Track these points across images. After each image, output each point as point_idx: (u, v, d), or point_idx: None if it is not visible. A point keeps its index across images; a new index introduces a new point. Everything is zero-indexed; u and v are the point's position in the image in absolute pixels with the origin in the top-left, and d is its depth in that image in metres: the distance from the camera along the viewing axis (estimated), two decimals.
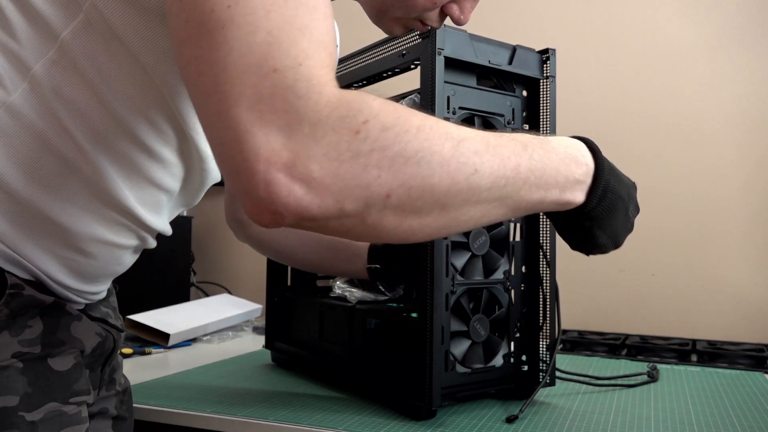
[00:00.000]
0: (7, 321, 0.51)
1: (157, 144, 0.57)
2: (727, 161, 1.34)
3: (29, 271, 0.55)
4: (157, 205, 0.62)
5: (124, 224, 0.59)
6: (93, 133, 0.53)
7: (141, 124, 0.55)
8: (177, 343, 1.25)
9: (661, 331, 1.33)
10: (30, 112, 0.52)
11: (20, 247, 0.53)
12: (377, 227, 0.44)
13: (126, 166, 0.56)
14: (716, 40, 1.36)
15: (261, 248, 0.99)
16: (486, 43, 0.80)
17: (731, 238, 1.33)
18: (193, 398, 0.85)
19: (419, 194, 0.44)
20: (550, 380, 0.84)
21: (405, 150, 0.43)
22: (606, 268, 1.41)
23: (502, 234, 0.82)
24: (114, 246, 0.60)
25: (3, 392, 0.50)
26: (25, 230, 0.53)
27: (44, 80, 0.51)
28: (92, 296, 0.64)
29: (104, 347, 0.65)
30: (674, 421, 0.77)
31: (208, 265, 1.83)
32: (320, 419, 0.75)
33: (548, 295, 0.84)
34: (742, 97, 1.33)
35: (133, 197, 0.58)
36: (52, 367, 0.55)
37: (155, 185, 0.59)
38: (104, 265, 0.61)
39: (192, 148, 0.60)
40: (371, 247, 0.90)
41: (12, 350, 0.51)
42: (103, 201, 0.56)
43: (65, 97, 0.52)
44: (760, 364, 1.08)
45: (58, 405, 0.54)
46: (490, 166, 0.47)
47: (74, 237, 0.56)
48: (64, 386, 0.55)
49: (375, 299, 0.93)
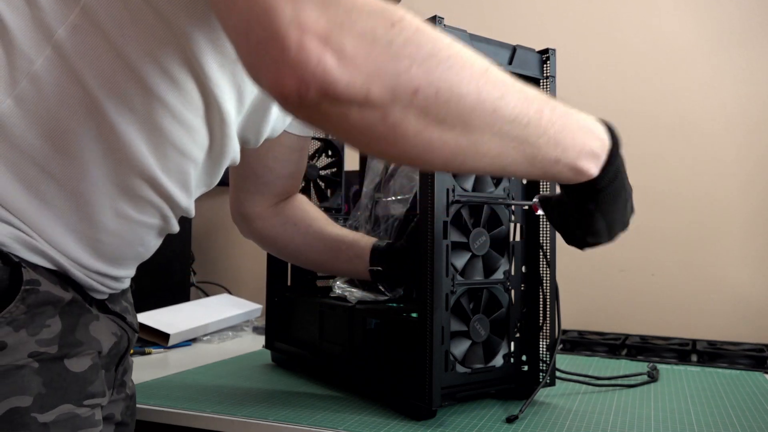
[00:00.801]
0: (25, 319, 0.51)
1: (180, 105, 0.56)
2: (727, 161, 1.34)
3: (52, 259, 0.54)
4: (181, 174, 0.61)
5: (147, 198, 0.59)
6: (117, 96, 0.53)
7: (165, 83, 0.54)
8: (177, 343, 1.25)
9: (661, 331, 1.33)
10: (53, 79, 0.51)
11: (44, 227, 0.53)
12: (397, 129, 0.43)
13: (151, 131, 0.56)
14: (716, 40, 1.36)
15: (264, 244, 0.98)
16: (486, 43, 0.80)
17: (731, 238, 1.33)
18: (193, 398, 0.85)
19: (446, 100, 0.43)
20: (550, 380, 0.84)
21: (438, 52, 0.43)
22: (606, 268, 1.41)
23: (502, 234, 0.82)
24: (137, 223, 0.59)
25: (17, 392, 0.49)
26: (50, 207, 0.53)
27: (67, 44, 0.51)
28: (116, 283, 0.63)
29: (119, 347, 0.64)
30: (674, 421, 0.77)
31: (208, 265, 1.83)
32: (320, 419, 0.75)
33: (548, 295, 0.84)
34: (743, 97, 1.33)
35: (157, 165, 0.57)
36: (68, 368, 0.54)
37: (179, 151, 0.59)
38: (128, 244, 0.60)
39: (214, 111, 0.59)
40: (373, 249, 0.90)
41: (29, 349, 0.51)
42: (127, 170, 0.56)
43: (89, 59, 0.52)
44: (760, 364, 1.08)
45: (71, 407, 0.53)
46: (515, 98, 0.47)
47: (97, 212, 0.55)
48: (79, 388, 0.54)
49: (375, 299, 0.93)
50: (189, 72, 0.55)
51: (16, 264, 0.51)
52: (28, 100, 0.51)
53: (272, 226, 0.94)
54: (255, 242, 0.99)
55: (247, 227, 0.96)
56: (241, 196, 0.93)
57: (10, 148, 0.51)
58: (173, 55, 0.54)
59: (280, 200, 0.95)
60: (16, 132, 0.51)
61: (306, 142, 0.92)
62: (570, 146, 0.53)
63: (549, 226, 0.84)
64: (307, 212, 0.95)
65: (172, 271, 1.56)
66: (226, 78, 0.58)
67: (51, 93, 0.51)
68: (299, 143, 0.89)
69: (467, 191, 0.78)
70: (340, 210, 1.17)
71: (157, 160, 0.57)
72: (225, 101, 0.59)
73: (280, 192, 0.93)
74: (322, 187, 1.17)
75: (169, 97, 0.55)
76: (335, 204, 1.16)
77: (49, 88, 0.51)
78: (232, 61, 0.57)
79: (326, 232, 0.93)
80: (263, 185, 0.91)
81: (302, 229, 0.93)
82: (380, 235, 0.97)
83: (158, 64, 0.53)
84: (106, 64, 0.52)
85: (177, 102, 0.56)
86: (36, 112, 0.51)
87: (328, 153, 1.18)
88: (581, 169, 0.55)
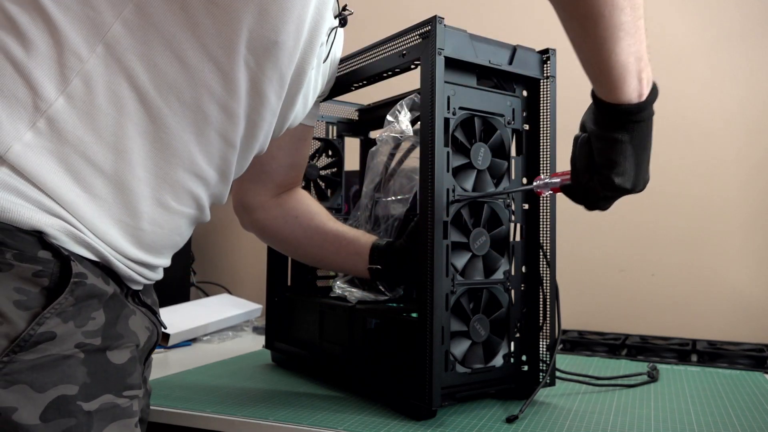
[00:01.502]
0: (73, 311, 0.52)
1: (227, 94, 0.59)
2: (727, 161, 1.34)
3: (96, 251, 0.56)
4: (223, 161, 0.64)
5: (188, 189, 0.62)
6: (167, 88, 0.56)
7: (214, 74, 0.58)
8: (177, 343, 1.25)
9: (661, 331, 1.33)
10: (104, 76, 0.54)
11: (90, 218, 0.55)
12: None
13: (197, 121, 0.59)
14: (716, 40, 1.36)
15: (264, 236, 0.99)
16: (486, 43, 0.80)
17: (731, 238, 1.33)
18: (193, 398, 0.85)
19: None
20: (550, 380, 0.84)
21: None
22: (606, 268, 1.42)
23: (503, 234, 0.82)
24: (176, 213, 0.62)
25: (65, 380, 0.51)
26: (96, 199, 0.55)
27: (119, 40, 0.53)
28: (152, 273, 0.66)
29: (150, 342, 0.67)
30: (674, 421, 0.77)
31: (208, 265, 1.83)
32: (320, 419, 0.76)
33: (548, 295, 0.84)
34: (743, 97, 1.34)
35: (201, 154, 0.61)
36: (110, 359, 0.56)
37: (223, 138, 0.62)
38: (167, 234, 0.63)
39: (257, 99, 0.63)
40: (373, 248, 0.90)
41: (76, 340, 0.52)
42: (172, 161, 0.59)
43: (140, 54, 0.54)
44: (760, 364, 1.08)
45: (113, 397, 0.55)
46: None
47: (141, 202, 0.58)
48: (119, 379, 0.56)
49: (375, 299, 0.93)
50: (242, 64, 0.59)
51: (66, 257, 0.53)
52: (79, 96, 0.53)
53: (273, 218, 0.95)
54: (255, 234, 1.00)
55: (249, 218, 0.97)
56: (244, 186, 0.94)
57: (61, 143, 0.53)
58: (226, 48, 0.57)
59: (282, 192, 0.96)
60: (67, 128, 0.53)
61: (309, 132, 0.94)
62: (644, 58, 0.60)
63: (549, 226, 0.84)
64: (309, 206, 0.96)
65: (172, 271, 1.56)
66: (271, 63, 0.61)
67: (101, 89, 0.54)
68: (303, 132, 0.91)
69: (467, 191, 0.78)
70: (340, 210, 1.17)
71: (201, 150, 0.61)
72: (269, 89, 0.63)
73: (282, 182, 0.95)
74: (322, 187, 1.17)
75: (216, 87, 0.58)
76: (335, 204, 1.16)
77: (99, 85, 0.54)
78: (277, 47, 0.61)
79: (327, 227, 0.94)
80: (265, 174, 0.92)
81: (303, 223, 0.94)
82: (380, 235, 0.97)
83: (210, 57, 0.57)
84: (158, 57, 0.55)
85: (224, 91, 0.59)
86: (86, 108, 0.53)
87: (328, 153, 1.18)
88: (642, 83, 0.61)
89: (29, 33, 0.52)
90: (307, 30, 0.65)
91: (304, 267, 1.13)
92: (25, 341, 0.49)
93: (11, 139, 0.51)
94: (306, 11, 0.63)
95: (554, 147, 0.85)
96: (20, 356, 0.48)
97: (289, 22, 0.61)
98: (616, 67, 0.59)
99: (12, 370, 0.48)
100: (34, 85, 0.52)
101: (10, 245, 0.50)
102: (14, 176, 0.51)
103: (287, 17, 0.60)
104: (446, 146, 0.76)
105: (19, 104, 0.52)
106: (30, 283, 0.50)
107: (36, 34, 0.52)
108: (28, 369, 0.49)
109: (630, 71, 0.60)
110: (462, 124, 0.78)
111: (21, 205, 0.51)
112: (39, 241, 0.52)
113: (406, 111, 0.94)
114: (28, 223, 0.51)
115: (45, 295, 0.51)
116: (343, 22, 0.79)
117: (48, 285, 0.51)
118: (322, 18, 0.67)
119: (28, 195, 0.52)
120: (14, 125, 0.51)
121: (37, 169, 0.52)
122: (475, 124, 0.79)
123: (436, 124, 0.74)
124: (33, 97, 0.52)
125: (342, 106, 1.18)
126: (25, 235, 0.51)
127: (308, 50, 0.67)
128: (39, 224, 0.52)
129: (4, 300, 0.49)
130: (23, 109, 0.52)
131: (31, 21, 0.52)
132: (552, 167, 0.84)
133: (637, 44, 0.59)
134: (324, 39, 0.71)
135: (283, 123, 0.75)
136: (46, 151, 0.52)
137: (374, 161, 1.01)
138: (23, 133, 0.52)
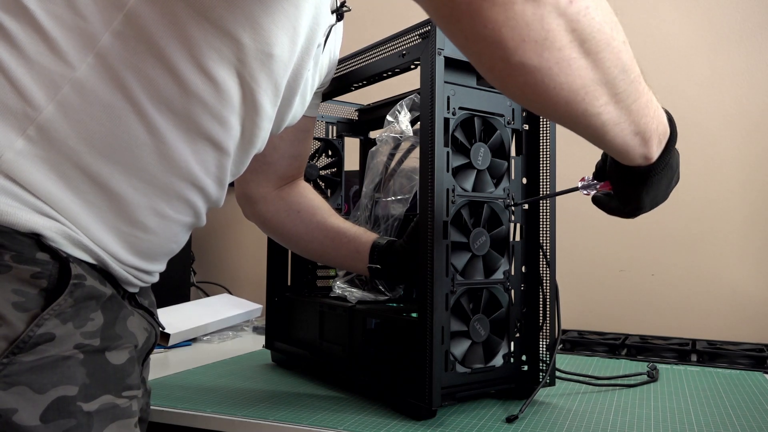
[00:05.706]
0: (72, 312, 0.52)
1: (219, 104, 0.59)
2: (726, 161, 1.34)
3: (93, 253, 0.56)
4: (217, 168, 0.64)
5: (184, 197, 0.62)
6: (158, 99, 0.55)
7: (205, 84, 0.57)
8: (177, 343, 1.25)
9: (661, 331, 1.33)
10: (96, 85, 0.53)
11: (85, 224, 0.55)
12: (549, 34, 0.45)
13: (189, 131, 0.58)
14: (716, 40, 1.36)
15: (266, 228, 1.00)
16: None
17: (731, 238, 1.33)
18: (193, 398, 0.85)
19: (590, 19, 0.46)
20: (550, 380, 0.84)
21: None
22: (606, 268, 1.42)
23: (502, 234, 0.82)
24: (172, 221, 0.62)
25: (64, 381, 0.51)
26: (93, 207, 0.55)
27: (111, 51, 0.53)
28: (148, 277, 0.66)
29: (148, 343, 0.67)
30: (674, 421, 0.77)
31: (208, 265, 1.83)
32: (320, 419, 0.76)
33: (548, 295, 0.84)
34: (742, 97, 1.34)
35: (195, 162, 0.60)
36: (109, 360, 0.56)
37: (215, 146, 0.62)
38: (163, 241, 0.63)
39: (251, 107, 0.62)
40: (373, 246, 0.90)
41: (75, 341, 0.52)
42: (167, 171, 0.58)
43: (131, 65, 0.54)
44: (760, 364, 1.08)
45: (112, 398, 0.55)
46: (629, 55, 0.52)
47: (136, 211, 0.58)
48: (118, 379, 0.56)
49: (375, 299, 0.93)
50: (234, 74, 0.58)
51: (64, 259, 0.53)
52: (70, 105, 0.53)
53: (276, 211, 0.96)
54: (257, 225, 1.00)
55: (251, 209, 0.97)
56: (246, 176, 0.94)
57: (54, 151, 0.53)
58: (218, 61, 0.57)
59: (284, 183, 0.96)
60: (58, 136, 0.53)
61: (312, 124, 0.94)
62: (648, 125, 0.57)
63: (549, 226, 0.84)
64: (312, 201, 0.96)
65: (172, 271, 1.56)
66: (265, 74, 0.61)
67: (93, 99, 0.53)
68: (306, 124, 0.91)
69: (467, 191, 0.78)
70: (340, 210, 1.17)
71: (196, 159, 0.60)
72: (263, 98, 0.63)
73: (284, 174, 0.95)
74: (322, 187, 1.17)
75: (209, 98, 0.58)
76: (335, 204, 1.16)
77: (91, 94, 0.53)
78: (272, 60, 0.60)
79: (329, 223, 0.94)
80: (267, 165, 0.93)
81: (305, 218, 0.95)
82: (380, 235, 0.97)
83: (202, 69, 0.56)
84: (149, 69, 0.54)
85: (217, 102, 0.59)
86: (78, 117, 0.53)
87: (328, 153, 1.18)
88: (649, 148, 0.60)
89: (18, 40, 0.52)
90: (304, 38, 0.64)
91: (304, 267, 1.13)
92: (25, 343, 0.49)
93: (3, 147, 0.51)
94: (301, 21, 0.62)
95: (554, 147, 0.85)
96: (19, 358, 0.48)
97: (282, 34, 0.60)
98: (614, 150, 0.59)
99: (11, 371, 0.48)
100: (23, 93, 0.52)
101: (8, 247, 0.50)
102: (9, 182, 0.51)
103: (281, 29, 0.59)
104: (446, 146, 0.76)
105: (9, 112, 0.51)
106: (28, 285, 0.50)
107: (26, 42, 0.52)
108: (28, 370, 0.49)
109: (630, 147, 0.58)
110: (462, 124, 0.78)
111: (18, 208, 0.51)
112: (37, 243, 0.52)
113: (405, 111, 0.95)
114: (25, 225, 0.51)
115: (44, 297, 0.51)
116: (340, 17, 0.79)
117: (46, 286, 0.51)
118: (318, 23, 0.66)
119: (24, 199, 0.52)
120: (5, 133, 0.51)
121: (30, 177, 0.52)
122: (475, 124, 0.79)
123: (436, 124, 0.74)
124: (23, 105, 0.52)
125: (342, 106, 1.18)
126: (23, 238, 0.51)
127: (305, 56, 0.66)
128: (36, 227, 0.52)
129: (3, 302, 0.49)
130: (13, 117, 0.51)
131: (20, 28, 0.52)
132: (552, 167, 0.84)
133: (633, 121, 0.55)
134: (321, 40, 0.71)
135: (280, 124, 0.74)
136: (39, 159, 0.52)
137: (374, 161, 1.01)
138: (14, 141, 0.51)
